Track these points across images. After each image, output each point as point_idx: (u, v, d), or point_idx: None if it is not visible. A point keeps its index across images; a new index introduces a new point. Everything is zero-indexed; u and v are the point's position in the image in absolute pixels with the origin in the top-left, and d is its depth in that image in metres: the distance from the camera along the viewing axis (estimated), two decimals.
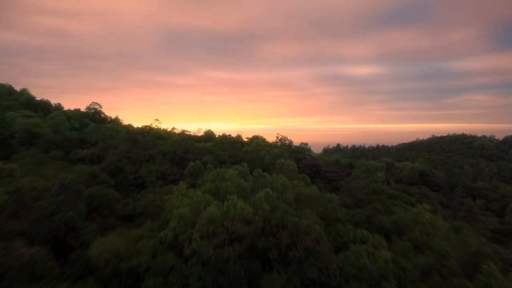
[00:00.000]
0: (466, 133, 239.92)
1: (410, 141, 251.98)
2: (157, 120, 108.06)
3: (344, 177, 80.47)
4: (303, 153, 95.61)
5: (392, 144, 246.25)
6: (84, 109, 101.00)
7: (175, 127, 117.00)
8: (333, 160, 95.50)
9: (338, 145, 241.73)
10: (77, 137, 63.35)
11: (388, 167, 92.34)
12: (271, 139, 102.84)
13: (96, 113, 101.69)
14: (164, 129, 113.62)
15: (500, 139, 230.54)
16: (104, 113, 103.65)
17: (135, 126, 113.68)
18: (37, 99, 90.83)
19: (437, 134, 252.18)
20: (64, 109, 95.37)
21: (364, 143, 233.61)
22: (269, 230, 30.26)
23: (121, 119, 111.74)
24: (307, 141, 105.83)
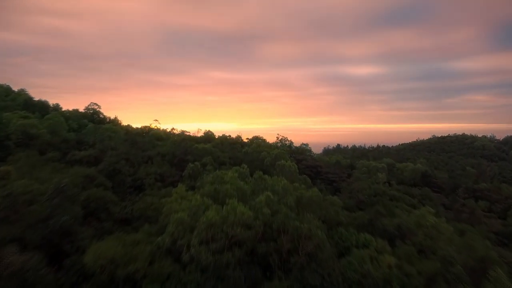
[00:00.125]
0: (466, 133, 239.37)
1: (410, 141, 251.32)
2: (156, 120, 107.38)
3: (345, 178, 79.73)
4: (303, 154, 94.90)
5: (393, 144, 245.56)
6: (82, 109, 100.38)
7: (174, 128, 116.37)
8: (334, 161, 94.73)
9: (338, 145, 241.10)
10: (75, 138, 62.49)
11: (389, 168, 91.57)
12: (271, 139, 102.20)
13: (95, 113, 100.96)
14: (163, 129, 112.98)
15: (501, 139, 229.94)
16: (102, 113, 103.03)
17: (134, 127, 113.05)
18: (35, 100, 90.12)
19: (437, 134, 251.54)
20: (62, 109, 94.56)
21: (364, 143, 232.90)
22: (269, 234, 29.45)
23: (121, 119, 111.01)
24: (307, 141, 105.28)
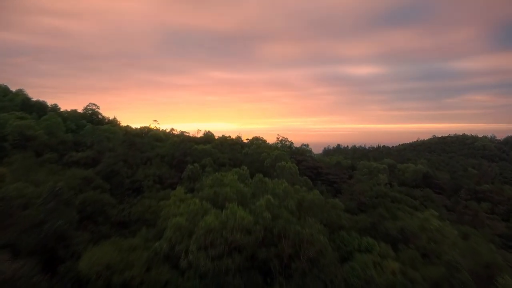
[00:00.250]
0: (466, 133, 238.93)
1: (411, 141, 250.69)
2: (155, 121, 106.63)
3: (346, 179, 78.98)
4: (304, 154, 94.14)
5: (393, 145, 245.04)
6: (81, 110, 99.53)
7: (174, 128, 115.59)
8: (334, 162, 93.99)
9: (339, 145, 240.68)
10: (72, 140, 61.65)
11: (390, 168, 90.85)
12: (271, 139, 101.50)
13: (93, 114, 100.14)
14: (163, 130, 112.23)
15: (501, 140, 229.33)
16: (101, 114, 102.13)
17: (134, 127, 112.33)
18: (33, 100, 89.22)
19: (437, 134, 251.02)
20: (60, 110, 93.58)
21: (364, 144, 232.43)
22: (270, 239, 28.70)
23: (120, 119, 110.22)
24: (307, 141, 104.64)
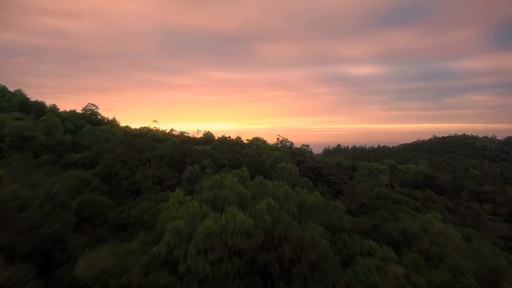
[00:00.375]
0: (467, 133, 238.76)
1: (411, 141, 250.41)
2: (155, 121, 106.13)
3: (346, 180, 78.50)
4: (304, 155, 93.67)
5: (393, 145, 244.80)
6: (80, 110, 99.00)
7: (173, 129, 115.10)
8: (335, 163, 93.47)
9: (339, 145, 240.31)
10: (71, 140, 61.06)
11: (391, 169, 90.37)
12: (271, 139, 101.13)
13: (92, 114, 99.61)
14: (162, 130, 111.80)
15: (501, 140, 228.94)
16: (100, 114, 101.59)
17: (133, 128, 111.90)
18: (31, 100, 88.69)
19: (437, 134, 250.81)
20: (59, 110, 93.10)
21: (365, 144, 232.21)
22: (271, 243, 28.15)
23: (120, 119, 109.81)
24: (307, 141, 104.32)
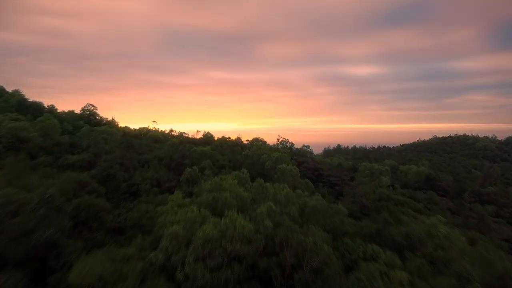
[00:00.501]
0: (467, 133, 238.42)
1: (411, 141, 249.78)
2: (154, 121, 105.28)
3: (347, 181, 77.71)
4: (304, 156, 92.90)
5: (393, 145, 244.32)
6: (78, 111, 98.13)
7: (173, 129, 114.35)
8: (336, 164, 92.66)
9: (339, 145, 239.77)
10: (68, 142, 60.20)
11: (392, 170, 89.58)
12: (271, 140, 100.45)
13: (91, 115, 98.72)
14: (162, 131, 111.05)
15: (502, 140, 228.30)
16: (99, 115, 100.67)
17: (132, 128, 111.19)
18: (29, 101, 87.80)
19: (437, 134, 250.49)
20: (57, 110, 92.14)
21: (365, 144, 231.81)
22: (271, 248, 27.37)
23: (120, 120, 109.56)
24: (307, 141, 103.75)
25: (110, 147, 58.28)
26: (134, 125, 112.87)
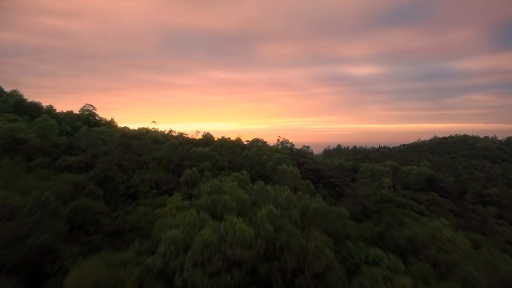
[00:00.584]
0: (467, 133, 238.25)
1: (411, 141, 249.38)
2: (154, 122, 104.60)
3: (348, 182, 77.11)
4: (305, 156, 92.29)
5: (394, 145, 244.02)
6: (77, 111, 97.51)
7: (172, 129, 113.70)
8: (336, 164, 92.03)
9: (339, 146, 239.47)
10: (66, 143, 59.53)
11: (393, 171, 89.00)
12: (271, 140, 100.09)
13: (90, 115, 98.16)
14: (161, 131, 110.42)
15: (502, 140, 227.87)
16: (98, 115, 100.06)
17: (132, 129, 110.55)
18: (27, 101, 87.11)
19: (437, 134, 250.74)
20: (56, 111, 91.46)
21: (365, 144, 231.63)
22: (272, 252, 26.74)
23: (119, 120, 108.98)
24: (307, 141, 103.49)
25: (108, 148, 57.61)
26: (134, 125, 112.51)
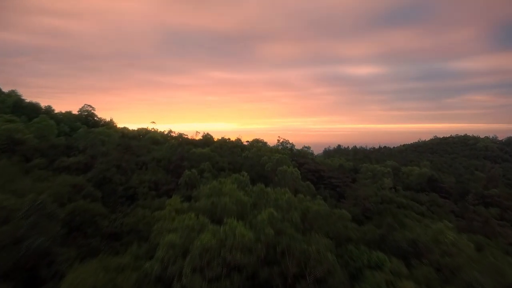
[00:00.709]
0: (467, 133, 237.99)
1: (412, 142, 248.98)
2: (153, 122, 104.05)
3: (349, 183, 76.59)
4: (305, 157, 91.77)
5: (394, 145, 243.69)
6: (76, 111, 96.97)
7: (172, 130, 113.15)
8: (337, 165, 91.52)
9: (339, 146, 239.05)
10: (64, 143, 58.94)
11: (394, 172, 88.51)
12: (271, 140, 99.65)
13: (89, 115, 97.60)
14: (161, 132, 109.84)
15: (502, 140, 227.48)
16: (97, 115, 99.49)
17: (131, 129, 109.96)
18: (26, 101, 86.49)
19: (437, 134, 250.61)
20: (55, 111, 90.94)
21: (365, 144, 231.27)
22: (273, 257, 26.23)
23: (119, 120, 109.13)
24: (307, 141, 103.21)
25: (107, 149, 57.04)
26: (134, 125, 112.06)
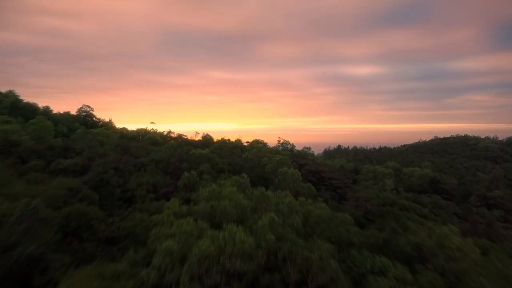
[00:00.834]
0: (467, 133, 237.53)
1: (412, 142, 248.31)
2: (152, 122, 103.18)
3: (350, 184, 75.80)
4: (306, 158, 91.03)
5: (394, 145, 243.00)
6: (75, 112, 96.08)
7: (172, 130, 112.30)
8: (338, 166, 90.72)
9: (339, 146, 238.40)
10: (62, 145, 58.03)
11: (395, 173, 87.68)
12: (271, 140, 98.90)
13: (87, 116, 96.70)
14: (160, 132, 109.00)
15: (503, 140, 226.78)
16: (96, 116, 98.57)
17: (130, 130, 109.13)
18: (23, 102, 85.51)
19: (437, 134, 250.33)
20: (53, 112, 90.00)
21: (366, 144, 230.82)
22: (274, 263, 25.42)
23: (119, 120, 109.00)
24: (307, 141, 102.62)
25: (105, 150, 56.16)
26: (134, 125, 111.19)
